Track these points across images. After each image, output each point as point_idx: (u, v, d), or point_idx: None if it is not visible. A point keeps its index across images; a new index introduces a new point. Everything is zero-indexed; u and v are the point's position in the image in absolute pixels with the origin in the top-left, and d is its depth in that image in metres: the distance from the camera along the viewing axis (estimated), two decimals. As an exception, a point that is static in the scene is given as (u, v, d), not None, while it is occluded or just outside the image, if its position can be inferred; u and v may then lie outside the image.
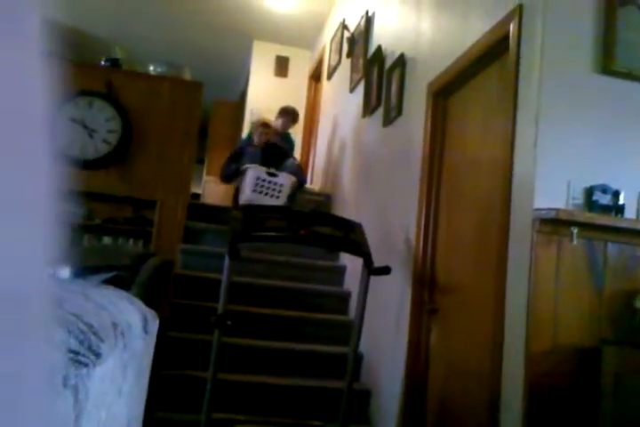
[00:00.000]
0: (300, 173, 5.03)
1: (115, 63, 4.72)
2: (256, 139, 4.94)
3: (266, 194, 4.47)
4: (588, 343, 2.01)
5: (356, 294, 3.46)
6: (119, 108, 4.37)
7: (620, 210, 2.14)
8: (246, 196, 4.52)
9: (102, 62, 4.73)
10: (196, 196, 7.45)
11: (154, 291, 2.82)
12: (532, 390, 1.99)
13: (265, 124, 5.01)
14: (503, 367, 2.17)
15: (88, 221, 4.54)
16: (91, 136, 4.32)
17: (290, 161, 5.00)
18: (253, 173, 4.56)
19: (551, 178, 2.13)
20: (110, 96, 4.40)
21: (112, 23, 7.05)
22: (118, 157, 4.37)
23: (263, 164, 4.72)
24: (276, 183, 4.54)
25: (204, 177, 8.39)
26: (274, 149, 4.92)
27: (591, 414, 1.93)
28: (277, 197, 4.52)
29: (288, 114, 5.34)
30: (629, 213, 2.17)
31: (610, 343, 1.96)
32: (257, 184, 4.51)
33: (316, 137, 6.76)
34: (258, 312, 3.88)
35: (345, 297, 4.26)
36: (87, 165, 4.30)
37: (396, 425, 3.03)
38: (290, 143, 5.42)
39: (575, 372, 2.01)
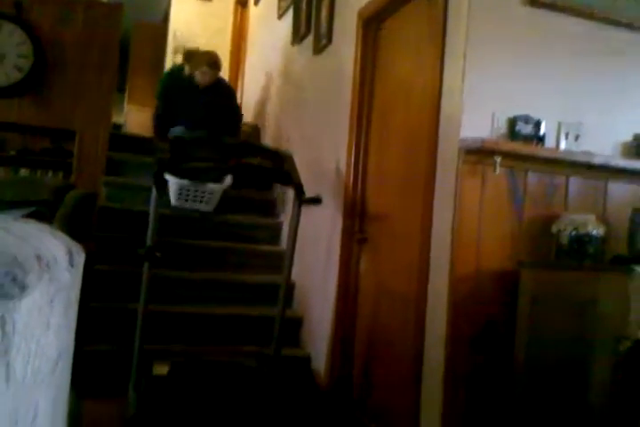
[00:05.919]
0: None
1: (23, -17, 4.33)
2: (199, 78, 4.30)
3: (194, 201, 3.75)
4: (508, 267, 2.13)
5: (287, 225, 3.49)
6: (30, 32, 4.06)
7: (540, 140, 2.22)
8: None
9: (10, -18, 4.33)
10: (119, 126, 7.16)
11: (77, 225, 2.73)
12: (455, 312, 2.11)
13: (214, 65, 4.28)
14: (428, 291, 2.27)
15: (1, 153, 4.30)
16: (0, 61, 4.02)
17: None
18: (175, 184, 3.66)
19: (477, 109, 2.17)
20: (20, 19, 4.07)
21: None
22: (32, 84, 4.09)
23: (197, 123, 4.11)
24: (204, 191, 3.76)
25: (126, 106, 8.05)
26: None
27: (511, 334, 2.06)
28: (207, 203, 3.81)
29: (214, 66, 4.36)
30: (549, 143, 2.25)
31: (527, 266, 2.08)
32: (181, 193, 3.72)
33: (244, 65, 6.56)
34: (190, 244, 3.85)
35: (277, 228, 4.29)
36: (-2, 92, 4.02)
37: (328, 348, 3.16)
38: (230, 91, 4.74)
39: (496, 293, 2.13)
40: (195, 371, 2.30)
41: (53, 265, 0.76)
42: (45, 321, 0.72)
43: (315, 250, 3.50)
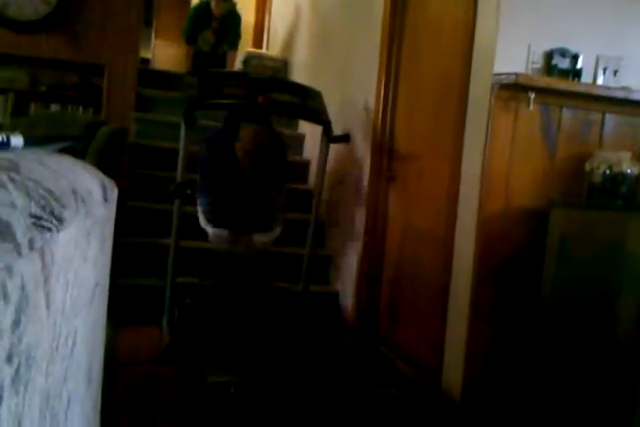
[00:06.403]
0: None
1: None
2: (213, 7, 4.68)
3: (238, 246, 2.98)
4: (538, 206, 2.11)
5: (315, 163, 3.48)
6: (57, -36, 3.99)
7: (577, 74, 2.14)
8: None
9: None
10: (146, 61, 7.09)
11: (109, 160, 2.77)
12: (482, 249, 2.11)
13: None
14: (456, 229, 2.27)
15: (32, 88, 4.32)
16: (27, -5, 3.97)
17: None
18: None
19: (512, 41, 2.09)
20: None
21: None
22: (60, 18, 4.06)
23: None
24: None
25: (153, 41, 7.93)
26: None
27: (537, 272, 2.07)
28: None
29: None
30: (586, 78, 2.17)
31: (557, 205, 2.06)
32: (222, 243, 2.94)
33: (272, -2, 6.37)
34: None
35: (304, 166, 4.28)
36: (26, 27, 4.00)
37: (355, 284, 3.22)
38: (234, 20, 4.98)
39: (525, 233, 2.12)
40: (225, 302, 2.37)
41: (88, 200, 0.77)
42: (82, 254, 0.74)
43: (343, 188, 3.50)
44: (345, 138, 2.83)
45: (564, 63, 2.12)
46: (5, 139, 0.84)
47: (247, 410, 1.89)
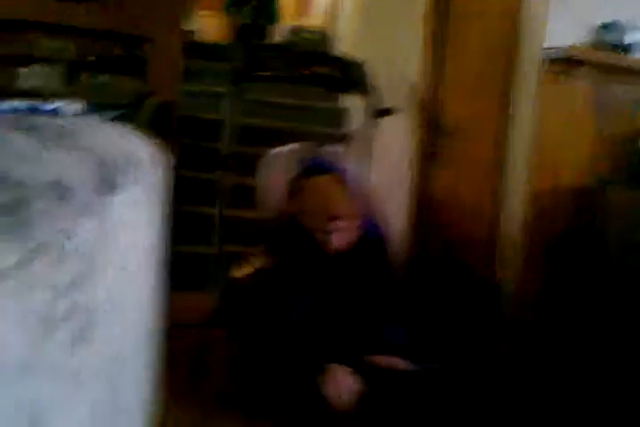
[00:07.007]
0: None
1: None
2: None
3: None
4: (587, 184, 2.06)
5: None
6: None
7: (628, 49, 2.08)
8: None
9: None
10: (190, 32, 7.09)
11: (157, 130, 2.81)
12: (530, 229, 2.08)
13: None
14: (504, 207, 2.24)
15: (81, 59, 4.37)
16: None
17: None
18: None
19: (563, 15, 2.04)
20: None
21: None
22: (105, -13, 4.08)
23: None
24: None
25: (197, 11, 7.92)
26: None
27: (590, 250, 2.03)
28: None
29: None
30: (638, 53, 2.11)
31: (611, 183, 2.00)
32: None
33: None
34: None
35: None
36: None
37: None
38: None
39: (574, 210, 2.08)
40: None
41: (140, 167, 0.80)
42: (135, 219, 0.77)
43: (386, 164, 3.47)
44: (388, 111, 2.80)
45: (615, 38, 2.06)
46: (64, 106, 0.87)
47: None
